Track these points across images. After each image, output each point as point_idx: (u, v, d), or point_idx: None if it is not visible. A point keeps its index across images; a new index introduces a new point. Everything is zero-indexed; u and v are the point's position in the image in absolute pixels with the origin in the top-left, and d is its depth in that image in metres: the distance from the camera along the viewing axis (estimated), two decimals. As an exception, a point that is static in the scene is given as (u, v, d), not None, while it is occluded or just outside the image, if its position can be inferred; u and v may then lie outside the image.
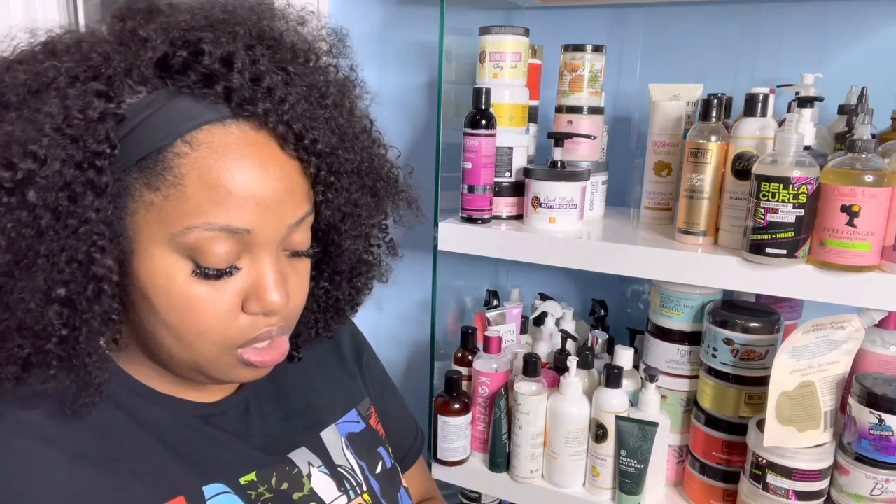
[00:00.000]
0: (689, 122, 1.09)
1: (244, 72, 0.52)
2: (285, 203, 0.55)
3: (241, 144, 0.52)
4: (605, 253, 1.01)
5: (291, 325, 0.62)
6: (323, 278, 0.70)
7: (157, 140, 0.51)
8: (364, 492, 0.70)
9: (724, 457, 1.03)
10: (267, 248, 0.55)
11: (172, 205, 0.51)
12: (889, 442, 0.88)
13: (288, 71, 0.56)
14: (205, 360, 0.56)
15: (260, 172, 0.53)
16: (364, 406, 0.78)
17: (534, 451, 1.11)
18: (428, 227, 1.12)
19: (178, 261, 0.52)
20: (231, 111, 0.52)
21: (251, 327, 0.56)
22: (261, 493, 0.62)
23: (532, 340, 1.27)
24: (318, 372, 0.76)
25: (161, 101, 0.51)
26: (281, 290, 0.56)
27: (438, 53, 1.09)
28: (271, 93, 0.53)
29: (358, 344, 0.83)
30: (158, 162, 0.51)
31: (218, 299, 0.54)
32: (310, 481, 0.66)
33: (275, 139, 0.54)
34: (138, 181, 0.51)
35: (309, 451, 0.68)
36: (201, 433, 0.62)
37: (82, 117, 0.49)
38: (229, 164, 0.51)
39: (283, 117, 0.54)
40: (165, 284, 0.53)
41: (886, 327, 0.98)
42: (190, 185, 0.51)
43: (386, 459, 0.76)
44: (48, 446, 0.54)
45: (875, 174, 0.83)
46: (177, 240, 0.51)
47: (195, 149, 0.51)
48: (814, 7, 1.16)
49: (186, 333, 0.54)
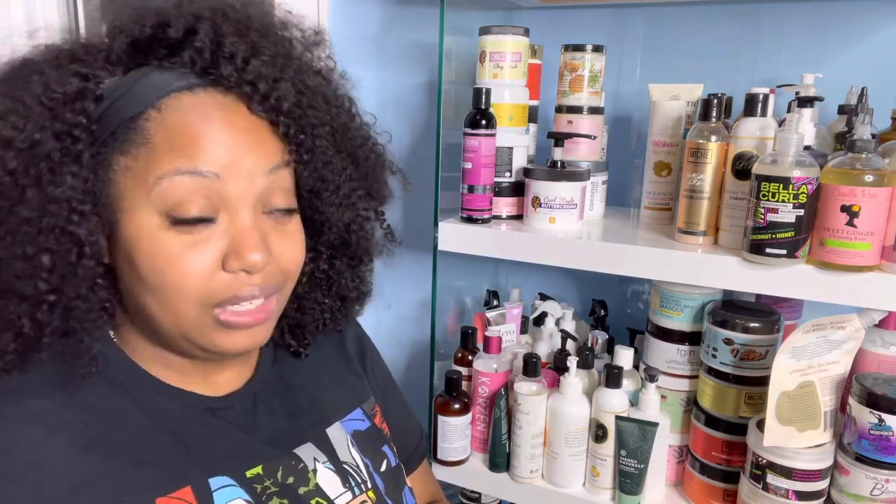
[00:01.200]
0: (689, 122, 1.09)
1: (206, 38, 0.55)
2: (254, 154, 0.57)
3: (208, 105, 0.56)
4: (605, 253, 1.01)
5: (283, 289, 0.62)
6: (321, 259, 0.70)
7: (130, 111, 0.55)
8: (369, 489, 0.70)
9: (724, 457, 1.03)
10: (243, 202, 0.56)
11: (143, 163, 0.54)
12: (889, 442, 0.88)
13: (251, 38, 0.58)
14: (186, 321, 0.57)
15: (227, 126, 0.55)
16: (369, 405, 0.78)
17: (534, 451, 1.11)
18: (428, 227, 1.12)
19: (157, 219, 0.55)
20: (197, 77, 0.56)
21: (232, 284, 0.57)
22: (266, 487, 0.62)
23: (532, 340, 1.27)
24: (324, 371, 0.76)
25: (134, 79, 0.56)
26: (260, 247, 0.56)
27: (438, 53, 1.08)
28: (234, 55, 0.56)
29: (363, 345, 0.84)
30: (130, 129, 0.55)
31: (195, 254, 0.55)
32: (315, 476, 0.66)
33: (242, 101, 0.57)
34: (114, 151, 0.55)
35: (314, 447, 0.68)
36: (208, 426, 0.63)
37: (61, 93, 0.53)
38: (195, 119, 0.55)
39: (246, 77, 0.56)
40: (147, 244, 0.55)
41: (886, 327, 0.98)
42: (157, 141, 0.54)
43: (391, 458, 0.76)
44: (57, 434, 0.55)
45: (875, 174, 0.83)
46: (151, 195, 0.54)
47: (163, 112, 0.55)
48: (814, 7, 1.16)
49: (167, 293, 0.55)
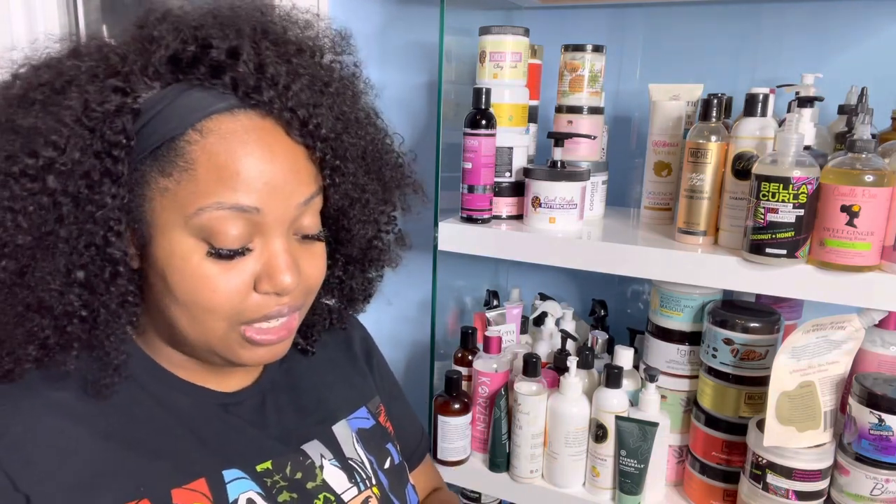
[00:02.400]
0: (689, 122, 1.09)
1: (249, 62, 0.55)
2: (292, 183, 0.57)
3: (248, 130, 0.55)
4: (605, 253, 1.01)
5: (305, 304, 0.63)
6: (337, 266, 0.72)
7: (170, 130, 0.54)
8: (373, 485, 0.71)
9: (724, 457, 1.03)
10: (277, 229, 0.57)
11: (185, 189, 0.54)
12: (889, 442, 0.88)
13: (291, 62, 0.58)
14: (214, 336, 0.58)
15: (266, 154, 0.55)
16: (374, 404, 0.79)
17: (534, 451, 1.11)
18: (428, 227, 1.12)
19: (193, 242, 0.55)
20: (238, 100, 0.55)
21: (262, 305, 0.58)
22: (276, 481, 0.64)
23: (532, 340, 1.27)
24: (330, 370, 0.78)
25: (174, 95, 0.55)
26: (292, 271, 0.58)
27: (438, 53, 1.08)
28: (275, 81, 0.56)
29: (368, 346, 0.86)
30: (171, 150, 0.54)
31: (230, 278, 0.56)
32: (322, 472, 0.68)
33: (281, 126, 0.57)
34: (153, 170, 0.54)
35: (321, 443, 0.70)
36: (221, 420, 0.64)
37: (100, 110, 0.53)
38: (237, 148, 0.54)
39: (287, 104, 0.57)
40: (181, 265, 0.55)
41: (886, 327, 0.98)
42: (200, 168, 0.54)
43: (394, 455, 0.77)
44: (76, 424, 0.57)
45: (875, 174, 0.83)
46: (191, 222, 0.54)
47: (205, 136, 0.54)
48: (814, 7, 1.16)
49: (199, 311, 0.56)
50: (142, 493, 0.56)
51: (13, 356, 0.55)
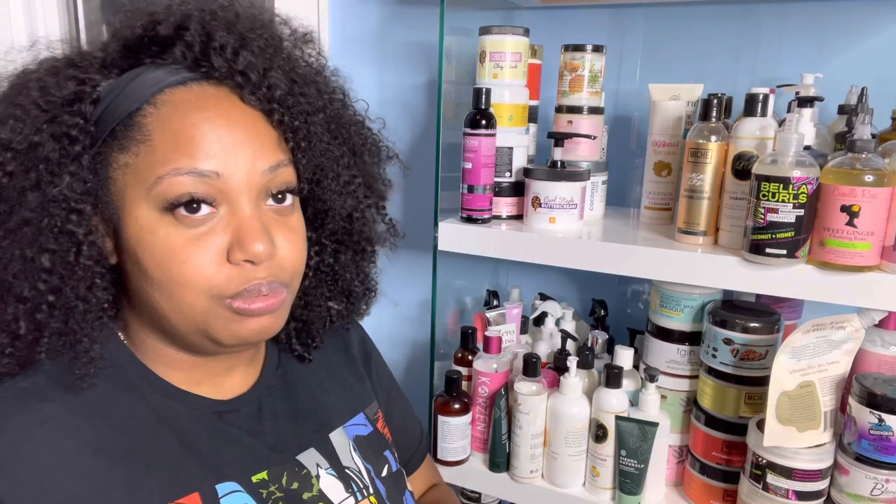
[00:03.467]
0: (689, 122, 1.09)
1: (195, 33, 0.56)
2: (252, 147, 0.57)
3: (202, 98, 0.56)
4: (605, 253, 1.01)
5: (285, 282, 0.61)
6: (326, 252, 0.70)
7: (126, 108, 0.56)
8: (371, 494, 0.70)
9: (724, 457, 1.03)
10: (243, 195, 0.56)
11: (143, 160, 0.55)
12: (889, 442, 0.88)
13: (240, 31, 0.59)
14: (197, 314, 0.57)
15: (223, 120, 0.56)
16: (372, 410, 0.78)
17: (534, 451, 1.11)
18: (428, 227, 1.12)
19: (157, 215, 0.55)
20: (190, 72, 0.57)
21: (238, 278, 0.56)
22: (272, 492, 0.62)
23: (532, 340, 1.27)
24: (327, 374, 0.76)
25: (129, 78, 0.57)
26: (263, 238, 0.56)
27: (438, 53, 1.08)
28: (223, 48, 0.57)
29: (367, 348, 0.84)
30: (128, 126, 0.55)
31: (199, 248, 0.55)
32: (318, 482, 0.66)
33: (235, 92, 0.58)
34: (113, 149, 0.56)
35: (318, 452, 0.69)
36: (216, 429, 0.63)
37: (58, 96, 0.55)
38: (191, 115, 0.55)
39: (237, 67, 0.57)
40: (149, 240, 0.55)
41: (886, 327, 0.98)
42: (156, 138, 0.55)
43: (392, 463, 0.76)
44: (67, 437, 0.55)
45: (875, 174, 0.83)
46: (152, 193, 0.54)
47: (159, 108, 0.56)
48: (814, 7, 1.16)
49: (173, 287, 0.55)
50: None
51: None
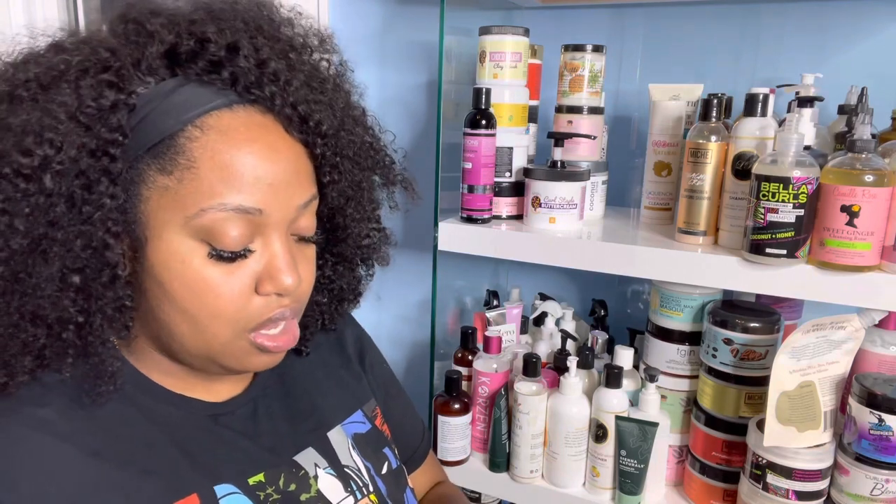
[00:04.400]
0: (689, 122, 1.09)
1: (249, 58, 0.54)
2: (293, 184, 0.57)
3: (249, 127, 0.54)
4: (605, 253, 1.01)
5: (301, 308, 0.63)
6: (328, 266, 0.71)
7: (168, 126, 0.53)
8: (370, 492, 0.70)
9: (724, 457, 1.03)
10: (277, 229, 0.56)
11: (186, 188, 0.52)
12: (889, 442, 0.88)
13: (289, 58, 0.58)
14: (219, 344, 0.57)
15: (269, 154, 0.55)
16: (370, 407, 0.78)
17: (534, 451, 1.11)
18: (428, 227, 1.12)
19: (193, 244, 0.54)
20: (238, 96, 0.55)
21: (265, 308, 0.57)
22: (269, 494, 0.62)
23: (532, 340, 1.27)
24: (324, 374, 0.76)
25: (170, 90, 0.53)
26: (293, 272, 0.57)
27: (438, 53, 1.09)
28: (276, 77, 0.55)
29: (362, 346, 0.84)
30: (170, 147, 0.52)
31: (232, 281, 0.55)
32: (317, 483, 0.66)
33: (281, 122, 0.57)
34: (151, 167, 0.53)
35: (316, 451, 0.68)
36: (211, 432, 0.62)
37: (95, 106, 0.51)
38: (240, 146, 0.53)
39: (287, 100, 0.56)
40: (180, 268, 0.54)
41: (886, 327, 0.98)
42: (203, 167, 0.52)
43: (392, 460, 0.76)
44: (63, 442, 0.54)
45: (875, 174, 0.83)
46: (191, 223, 0.53)
47: (206, 132, 0.53)
48: (814, 7, 1.16)
49: (201, 317, 0.55)
50: None
51: (8, 368, 0.53)
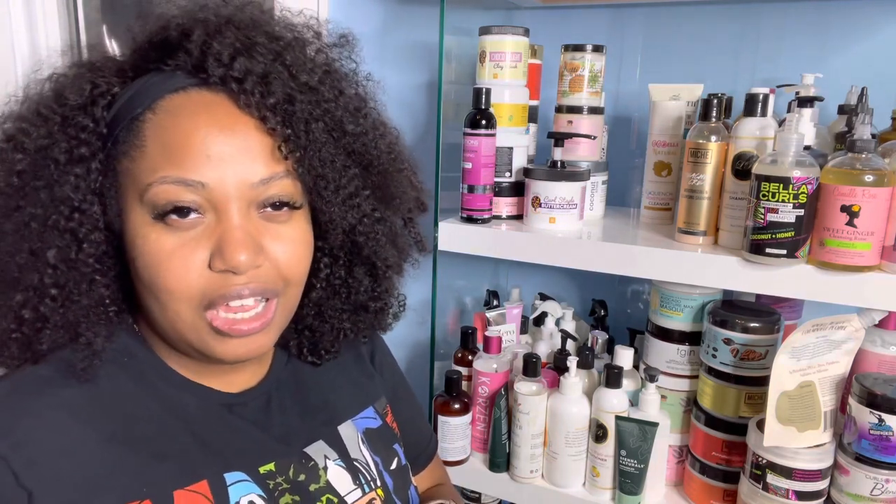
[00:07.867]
0: (689, 122, 1.09)
1: (197, 39, 0.57)
2: (242, 159, 0.56)
3: (197, 105, 0.57)
4: (605, 253, 1.01)
5: (276, 292, 0.60)
6: (338, 265, 0.69)
7: (130, 113, 0.57)
8: (378, 487, 0.71)
9: (724, 457, 1.03)
10: (231, 204, 0.56)
11: (138, 166, 0.56)
12: (889, 442, 0.88)
13: (244, 37, 0.58)
14: (182, 324, 0.58)
15: (213, 128, 0.56)
16: (381, 404, 0.79)
17: (534, 451, 1.11)
18: (428, 227, 1.12)
19: (147, 219, 0.56)
20: (188, 78, 0.58)
21: (219, 284, 0.56)
22: (279, 483, 0.63)
23: (532, 340, 1.27)
24: (336, 370, 0.77)
25: (139, 83, 0.58)
26: (247, 248, 0.55)
27: (438, 53, 1.09)
28: (220, 55, 0.57)
29: (374, 345, 0.85)
30: (129, 131, 0.57)
31: (183, 253, 0.56)
32: (326, 474, 0.67)
33: (232, 100, 0.57)
34: (118, 153, 0.57)
35: (326, 444, 0.69)
36: (224, 421, 0.64)
37: (73, 99, 0.57)
38: (183, 123, 0.56)
39: (232, 73, 0.57)
40: (140, 244, 0.56)
41: (886, 327, 0.98)
42: (150, 145, 0.56)
43: (401, 456, 0.77)
44: (82, 424, 0.57)
45: (875, 174, 0.83)
46: (143, 198, 0.55)
47: (157, 114, 0.56)
48: (814, 7, 1.16)
49: (159, 292, 0.56)
50: (145, 494, 0.56)
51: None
